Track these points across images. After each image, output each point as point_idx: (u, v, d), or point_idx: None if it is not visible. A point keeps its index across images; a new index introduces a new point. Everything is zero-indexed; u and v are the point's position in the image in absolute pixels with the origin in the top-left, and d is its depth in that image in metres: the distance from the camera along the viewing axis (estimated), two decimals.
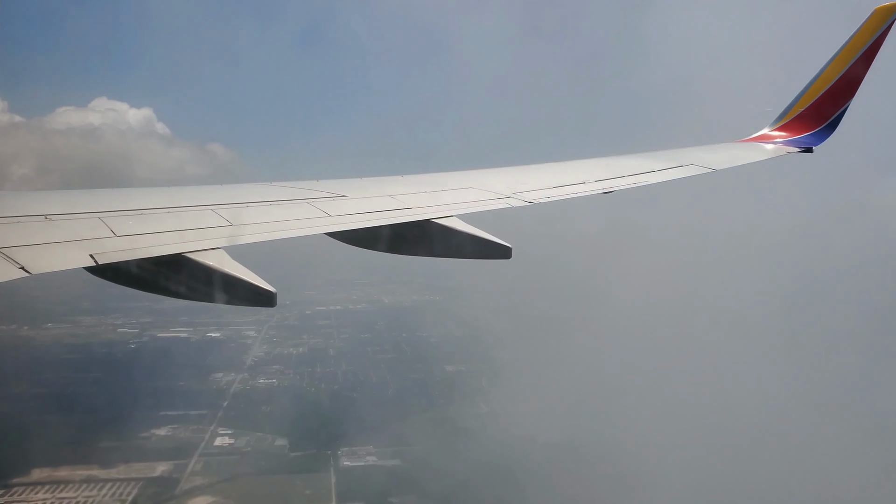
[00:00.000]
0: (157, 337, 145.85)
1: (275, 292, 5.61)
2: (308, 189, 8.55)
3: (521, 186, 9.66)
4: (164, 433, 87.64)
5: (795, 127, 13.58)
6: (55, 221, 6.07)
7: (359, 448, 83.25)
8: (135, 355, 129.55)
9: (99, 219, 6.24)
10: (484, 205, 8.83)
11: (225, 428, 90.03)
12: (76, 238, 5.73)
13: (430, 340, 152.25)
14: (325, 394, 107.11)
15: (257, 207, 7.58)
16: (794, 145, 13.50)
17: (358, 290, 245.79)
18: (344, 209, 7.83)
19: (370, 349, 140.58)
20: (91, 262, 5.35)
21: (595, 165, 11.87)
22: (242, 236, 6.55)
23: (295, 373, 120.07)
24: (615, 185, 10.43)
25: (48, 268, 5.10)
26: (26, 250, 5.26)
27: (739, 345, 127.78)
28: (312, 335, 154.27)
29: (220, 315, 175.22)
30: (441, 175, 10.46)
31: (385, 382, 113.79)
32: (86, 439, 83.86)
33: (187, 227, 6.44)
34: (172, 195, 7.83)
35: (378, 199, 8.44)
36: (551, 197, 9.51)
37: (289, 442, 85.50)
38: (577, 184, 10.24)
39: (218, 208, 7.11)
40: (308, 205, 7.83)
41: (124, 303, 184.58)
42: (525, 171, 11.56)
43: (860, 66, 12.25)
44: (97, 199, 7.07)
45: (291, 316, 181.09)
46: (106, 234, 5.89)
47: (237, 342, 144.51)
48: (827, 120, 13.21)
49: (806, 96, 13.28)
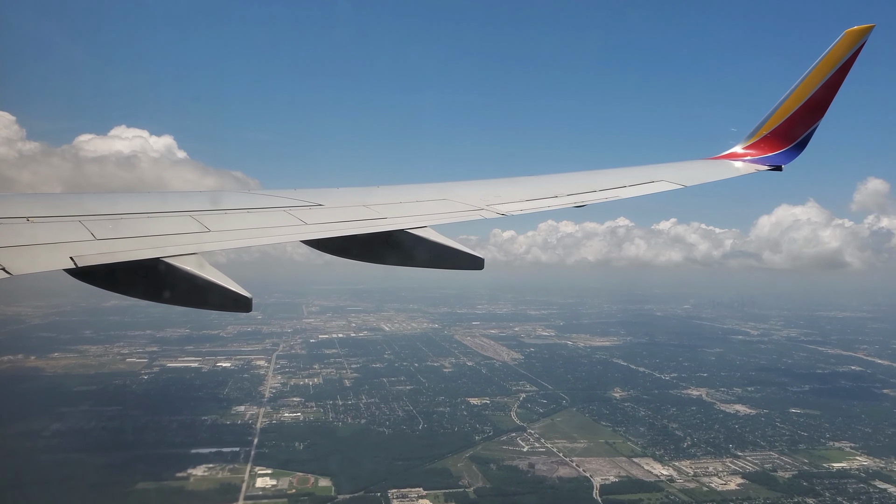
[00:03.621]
0: (167, 367, 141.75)
1: (250, 297, 5.65)
2: (285, 197, 8.69)
3: (495, 199, 9.81)
4: (201, 473, 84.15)
5: (765, 145, 13.68)
6: (36, 224, 6.15)
7: (408, 490, 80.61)
8: (150, 387, 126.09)
9: (80, 222, 6.31)
10: (458, 216, 8.98)
11: (262, 467, 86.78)
12: (57, 241, 5.82)
13: (444, 371, 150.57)
14: (355, 429, 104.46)
15: (235, 214, 7.70)
16: (763, 163, 13.63)
17: (355, 318, 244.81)
18: (320, 218, 7.97)
19: (386, 380, 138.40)
20: (71, 265, 5.38)
21: (568, 179, 12.01)
22: (220, 242, 6.66)
23: (317, 405, 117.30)
24: (587, 199, 10.59)
25: (28, 269, 5.13)
26: (7, 251, 5.32)
27: None
28: (323, 365, 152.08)
29: (226, 344, 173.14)
30: (416, 186, 10.57)
31: (413, 417, 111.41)
32: (121, 481, 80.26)
33: (166, 233, 6.56)
34: (153, 201, 8.02)
35: (354, 208, 8.59)
36: (524, 210, 9.66)
37: (332, 483, 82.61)
38: (550, 197, 10.37)
39: (197, 215, 7.20)
40: (285, 213, 7.95)
41: (126, 331, 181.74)
42: (499, 184, 11.81)
43: (830, 87, 12.36)
44: (78, 202, 7.19)
45: (297, 344, 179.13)
46: (86, 238, 5.98)
47: (249, 372, 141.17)
48: (796, 139, 13.39)
49: (776, 115, 13.37)
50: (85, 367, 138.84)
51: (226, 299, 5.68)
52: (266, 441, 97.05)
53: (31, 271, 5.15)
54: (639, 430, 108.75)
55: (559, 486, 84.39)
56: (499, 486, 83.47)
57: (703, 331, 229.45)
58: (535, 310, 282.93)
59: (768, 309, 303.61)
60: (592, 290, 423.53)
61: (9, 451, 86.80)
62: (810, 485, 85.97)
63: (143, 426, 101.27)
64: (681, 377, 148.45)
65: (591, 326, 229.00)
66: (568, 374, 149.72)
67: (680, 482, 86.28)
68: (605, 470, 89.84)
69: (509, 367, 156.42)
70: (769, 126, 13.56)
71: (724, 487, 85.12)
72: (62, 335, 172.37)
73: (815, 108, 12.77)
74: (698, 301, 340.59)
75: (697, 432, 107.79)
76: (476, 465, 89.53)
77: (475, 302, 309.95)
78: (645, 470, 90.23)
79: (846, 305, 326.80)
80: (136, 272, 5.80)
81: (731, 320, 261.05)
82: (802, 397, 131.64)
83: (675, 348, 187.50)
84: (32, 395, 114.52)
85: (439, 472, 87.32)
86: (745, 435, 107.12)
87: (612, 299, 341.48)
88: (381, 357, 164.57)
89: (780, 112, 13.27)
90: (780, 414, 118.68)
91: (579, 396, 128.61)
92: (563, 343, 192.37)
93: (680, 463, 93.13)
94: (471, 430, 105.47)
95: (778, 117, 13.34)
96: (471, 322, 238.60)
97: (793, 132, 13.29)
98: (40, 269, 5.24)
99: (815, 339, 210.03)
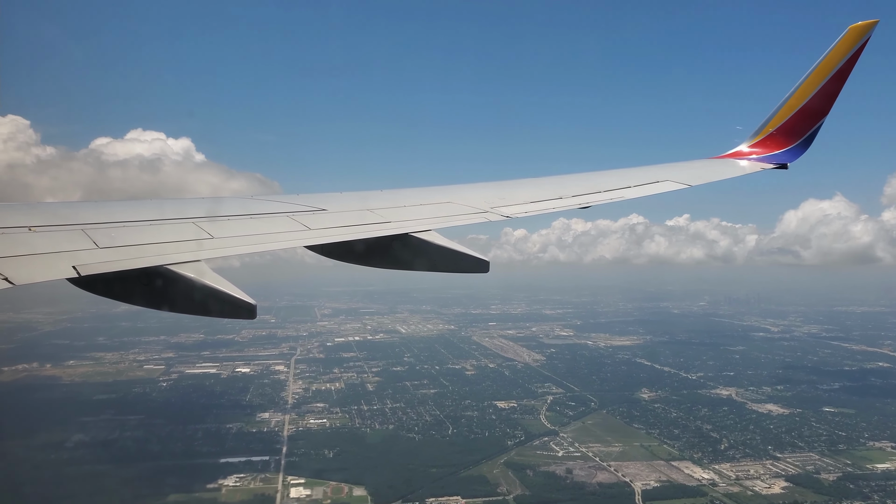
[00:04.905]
0: (185, 374, 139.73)
1: (255, 304, 5.52)
2: (289, 203, 8.61)
3: (499, 201, 9.73)
4: (232, 484, 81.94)
5: (770, 144, 13.59)
6: (39, 233, 6.05)
7: (446, 499, 78.25)
8: (170, 394, 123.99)
9: (82, 231, 6.25)
10: (463, 219, 8.88)
11: (294, 476, 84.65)
12: (59, 250, 5.71)
13: (467, 374, 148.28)
14: (384, 435, 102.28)
15: (238, 220, 7.59)
16: (768, 162, 13.54)
17: (369, 320, 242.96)
18: (323, 223, 7.84)
19: (409, 384, 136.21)
20: (74, 274, 5.27)
21: (572, 181, 11.89)
22: (223, 249, 6.56)
23: (342, 411, 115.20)
24: (592, 200, 10.50)
25: (31, 279, 5.03)
26: (10, 262, 5.21)
27: None
28: (343, 369, 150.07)
29: (242, 349, 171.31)
30: (420, 190, 10.45)
31: (441, 422, 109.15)
32: (152, 494, 78.22)
33: (169, 240, 6.42)
34: (154, 208, 7.89)
35: (357, 212, 8.50)
36: (528, 212, 9.56)
37: (367, 492, 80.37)
38: (555, 199, 10.27)
39: (199, 221, 7.11)
40: (288, 218, 7.84)
41: (139, 337, 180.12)
42: (504, 186, 11.61)
43: (834, 84, 12.22)
44: (80, 211, 7.10)
45: (314, 348, 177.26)
46: (89, 246, 5.89)
47: (269, 378, 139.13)
48: (801, 137, 13.25)
49: (781, 113, 13.23)
50: (102, 374, 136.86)
51: (230, 306, 5.57)
52: (295, 449, 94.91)
53: (33, 281, 5.03)
54: (673, 432, 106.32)
55: (600, 493, 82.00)
56: (538, 493, 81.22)
57: (722, 328, 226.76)
58: (551, 309, 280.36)
59: (785, 305, 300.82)
60: (605, 288, 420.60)
61: (34, 464, 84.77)
62: (857, 487, 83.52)
63: (167, 435, 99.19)
64: (707, 376, 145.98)
65: (609, 325, 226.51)
66: (592, 375, 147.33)
67: (723, 486, 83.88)
68: (644, 475, 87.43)
69: (532, 368, 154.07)
70: (774, 124, 13.44)
71: (769, 491, 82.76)
72: (76, 342, 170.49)
73: (819, 105, 12.65)
74: (713, 298, 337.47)
75: (733, 433, 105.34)
76: (512, 472, 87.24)
77: (488, 302, 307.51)
78: (685, 474, 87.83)
79: (863, 300, 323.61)
80: (139, 280, 5.68)
81: (750, 317, 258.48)
82: (834, 396, 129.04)
83: (697, 347, 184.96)
84: (52, 404, 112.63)
85: (475, 479, 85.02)
86: (781, 436, 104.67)
87: (626, 297, 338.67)
88: (400, 360, 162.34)
89: (785, 110, 13.13)
90: (815, 413, 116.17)
91: (608, 398, 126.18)
92: (584, 343, 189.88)
93: (720, 466, 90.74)
94: (502, 434, 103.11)
95: (783, 115, 13.22)
96: (487, 323, 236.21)
97: (798, 129, 13.18)
98: (43, 278, 5.14)
99: (837, 335, 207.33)
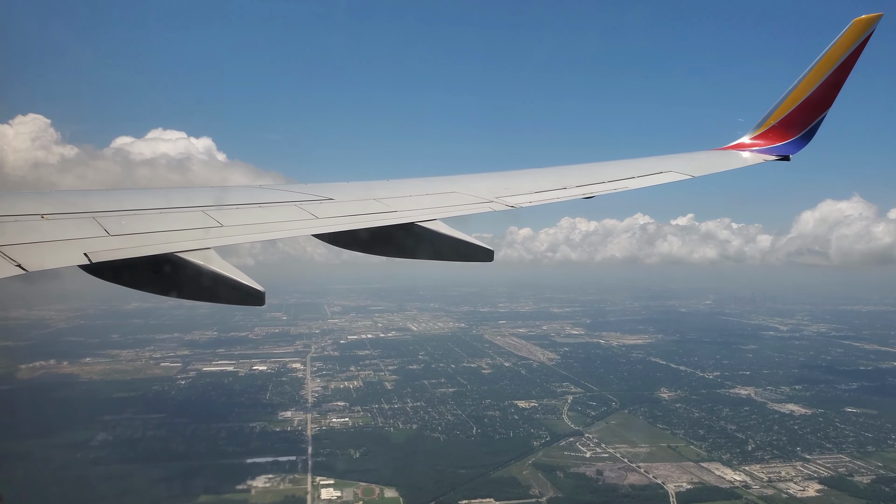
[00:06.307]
0: (203, 372, 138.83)
1: (263, 291, 5.53)
2: (296, 192, 8.63)
3: (504, 191, 9.72)
4: (261, 485, 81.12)
5: (773, 135, 13.63)
6: (51, 221, 6.05)
7: (479, 501, 77.49)
8: (189, 392, 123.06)
9: (93, 218, 6.26)
10: (467, 209, 8.88)
11: (323, 477, 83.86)
12: (71, 237, 5.74)
13: (483, 372, 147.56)
14: (409, 435, 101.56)
15: (246, 209, 7.61)
16: (771, 153, 13.58)
17: (379, 318, 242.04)
18: (330, 212, 7.85)
19: (427, 382, 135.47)
20: (85, 261, 5.30)
21: (576, 171, 11.96)
22: (232, 237, 6.59)
23: (363, 410, 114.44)
24: (595, 190, 10.51)
25: (44, 265, 5.07)
26: (23, 248, 5.24)
27: None
28: (359, 367, 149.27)
29: (256, 346, 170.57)
30: (426, 179, 10.49)
31: (464, 421, 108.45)
32: (182, 494, 77.47)
33: (178, 228, 6.44)
34: (164, 197, 7.85)
35: (364, 202, 8.50)
36: (533, 202, 9.56)
37: (398, 493, 79.63)
38: (559, 189, 10.30)
39: (208, 210, 7.13)
40: (296, 207, 7.86)
41: (153, 334, 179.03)
42: (508, 176, 11.61)
43: (838, 77, 12.26)
44: (91, 199, 7.11)
45: (327, 346, 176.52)
46: (100, 234, 5.91)
47: (287, 376, 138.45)
48: (804, 129, 13.29)
49: (784, 105, 13.28)
50: (120, 372, 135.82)
51: (238, 293, 5.55)
52: (320, 449, 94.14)
53: (45, 267, 5.05)
54: (698, 432, 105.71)
55: (633, 495, 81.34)
56: (571, 495, 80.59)
57: (731, 327, 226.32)
58: (558, 307, 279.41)
59: (790, 303, 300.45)
60: (611, 286, 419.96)
61: (60, 464, 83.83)
62: (893, 490, 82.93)
63: (191, 434, 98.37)
64: (724, 375, 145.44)
65: (619, 324, 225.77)
66: (609, 374, 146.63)
67: (756, 488, 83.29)
68: (675, 476, 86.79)
69: (547, 367, 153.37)
70: (777, 116, 13.45)
71: (804, 494, 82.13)
72: (90, 339, 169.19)
73: (822, 97, 12.66)
74: (718, 296, 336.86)
75: (758, 434, 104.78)
76: (542, 473, 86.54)
77: (496, 300, 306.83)
78: (717, 476, 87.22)
79: (867, 299, 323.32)
80: (149, 267, 5.68)
81: (757, 315, 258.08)
82: (855, 396, 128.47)
83: (708, 345, 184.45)
84: (73, 402, 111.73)
85: (506, 480, 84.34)
86: (807, 437, 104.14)
87: (632, 296, 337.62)
88: (415, 358, 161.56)
89: (788, 102, 13.16)
90: (838, 414, 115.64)
91: (627, 398, 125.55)
92: (596, 342, 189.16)
93: (750, 468, 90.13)
94: (526, 434, 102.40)
95: (786, 107, 13.25)
96: (496, 321, 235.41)
97: (800, 121, 13.22)
98: (55, 265, 5.15)
99: (847, 334, 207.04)
